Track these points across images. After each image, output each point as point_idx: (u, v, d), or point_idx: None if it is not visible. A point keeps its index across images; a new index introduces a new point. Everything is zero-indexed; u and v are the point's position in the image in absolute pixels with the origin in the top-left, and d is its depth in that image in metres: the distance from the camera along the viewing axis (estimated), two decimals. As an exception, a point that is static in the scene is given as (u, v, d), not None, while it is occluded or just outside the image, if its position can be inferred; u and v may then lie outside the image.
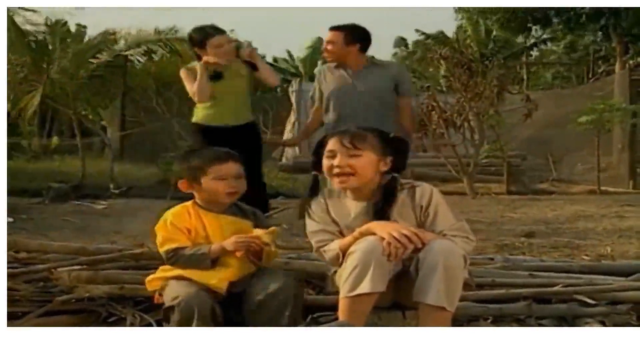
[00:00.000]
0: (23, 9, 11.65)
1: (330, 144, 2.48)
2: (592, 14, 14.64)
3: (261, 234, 2.47)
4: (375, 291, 2.24)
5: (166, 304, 2.35)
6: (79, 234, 5.35)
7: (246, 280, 2.47)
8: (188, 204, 2.59)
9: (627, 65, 14.34)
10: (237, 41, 4.95)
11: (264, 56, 23.45)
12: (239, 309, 2.40)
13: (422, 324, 2.27)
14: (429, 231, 2.40)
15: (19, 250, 3.05)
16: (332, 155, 2.46)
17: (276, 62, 26.43)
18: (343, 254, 2.37)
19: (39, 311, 2.58)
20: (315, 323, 2.48)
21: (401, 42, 29.68)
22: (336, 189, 2.53)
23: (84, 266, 2.85)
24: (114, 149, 11.87)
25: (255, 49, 4.77)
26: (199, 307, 2.25)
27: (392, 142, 2.52)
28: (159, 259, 2.61)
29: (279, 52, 34.43)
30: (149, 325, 2.49)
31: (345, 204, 2.52)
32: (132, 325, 2.50)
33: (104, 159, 11.96)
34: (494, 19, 16.43)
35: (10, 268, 2.76)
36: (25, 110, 11.41)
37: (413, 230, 2.29)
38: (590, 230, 5.50)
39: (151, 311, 2.55)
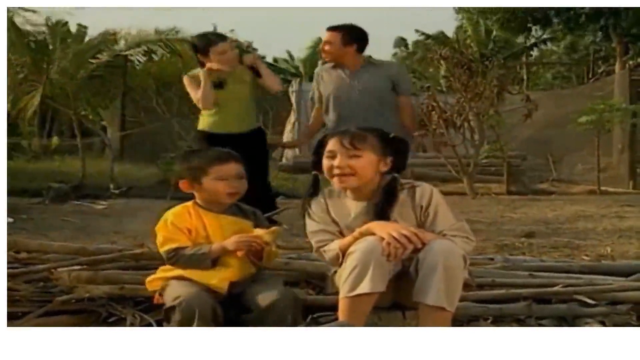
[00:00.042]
0: (23, 9, 11.67)
1: (330, 144, 2.48)
2: (592, 14, 14.62)
3: (262, 234, 2.47)
4: (375, 291, 2.24)
5: (167, 304, 2.35)
6: (79, 234, 5.35)
7: (247, 281, 2.47)
8: (188, 204, 2.59)
9: (627, 66, 14.34)
10: (237, 41, 4.95)
11: (264, 57, 23.55)
12: (239, 310, 2.40)
13: (422, 324, 2.27)
14: (429, 231, 2.40)
15: (19, 251, 3.04)
16: (332, 155, 2.46)
17: (276, 63, 26.46)
18: (343, 254, 2.37)
19: (39, 311, 2.57)
20: (315, 323, 2.48)
21: (401, 42, 29.70)
22: (336, 189, 2.53)
23: (84, 266, 2.85)
24: (114, 149, 11.87)
25: (259, 56, 4.77)
26: (200, 307, 2.25)
27: (392, 143, 2.52)
28: (159, 259, 2.61)
29: (279, 52, 34.48)
30: (149, 325, 2.49)
31: (345, 204, 2.52)
32: (132, 325, 2.49)
33: (104, 159, 11.95)
34: (494, 19, 16.41)
35: (11, 268, 2.76)
36: (25, 111, 11.41)
37: (413, 230, 2.30)
38: (590, 231, 5.50)
39: (151, 311, 2.55)
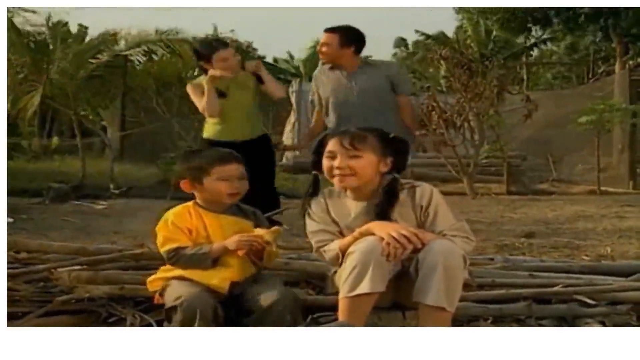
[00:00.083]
0: (23, 10, 11.66)
1: (330, 144, 2.48)
2: (592, 14, 14.62)
3: (263, 233, 2.48)
4: (375, 291, 2.24)
5: (168, 304, 2.35)
6: (79, 234, 5.35)
7: (247, 282, 2.47)
8: (189, 204, 2.59)
9: (627, 66, 14.35)
10: (236, 41, 4.94)
11: (264, 57, 23.54)
12: (239, 310, 2.40)
13: (422, 324, 2.26)
14: (429, 231, 2.40)
15: (19, 251, 3.04)
16: (332, 156, 2.46)
17: (276, 63, 26.45)
18: (343, 254, 2.37)
19: (39, 311, 2.57)
20: (315, 323, 2.48)
21: (401, 43, 29.71)
22: (336, 189, 2.53)
23: (84, 266, 2.85)
24: (114, 149, 11.87)
25: (261, 63, 4.76)
26: (202, 307, 2.25)
27: (392, 143, 2.52)
28: (159, 259, 2.61)
29: (279, 53, 34.49)
30: (149, 325, 2.49)
31: (345, 203, 2.52)
32: (132, 325, 2.49)
33: (104, 159, 11.95)
34: (494, 19, 16.43)
35: (11, 268, 2.76)
36: (25, 111, 11.40)
37: (412, 230, 2.30)
38: (590, 231, 5.50)
39: (151, 311, 2.55)
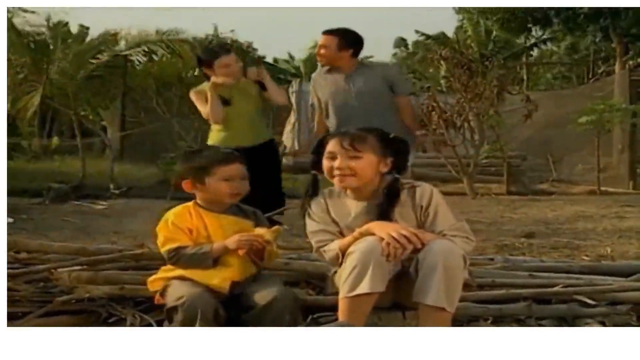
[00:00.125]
0: (22, 10, 11.66)
1: (330, 145, 2.48)
2: (592, 14, 14.63)
3: (264, 233, 2.47)
4: (375, 291, 2.24)
5: (169, 304, 2.35)
6: (79, 234, 5.36)
7: (247, 281, 2.47)
8: (189, 204, 2.59)
9: (627, 66, 14.36)
10: (236, 42, 4.94)
11: (264, 57, 23.53)
12: (239, 309, 2.40)
13: (422, 324, 2.27)
14: (429, 231, 2.40)
15: (19, 251, 3.04)
16: (332, 156, 2.46)
17: (276, 63, 26.44)
18: (343, 254, 2.37)
19: (39, 311, 2.57)
20: (315, 323, 2.48)
21: (401, 43, 29.69)
22: (336, 189, 2.53)
23: (84, 266, 2.85)
24: (114, 149, 11.87)
25: (263, 69, 4.75)
26: (203, 307, 2.25)
27: (392, 143, 2.52)
28: (159, 259, 2.61)
29: (279, 53, 34.47)
30: (149, 325, 2.49)
31: (345, 203, 2.52)
32: (132, 325, 2.50)
33: (104, 159, 11.95)
34: (494, 19, 16.44)
35: (11, 268, 2.76)
36: (25, 111, 11.41)
37: (412, 230, 2.30)
38: (590, 231, 5.50)
39: (151, 311, 2.55)
